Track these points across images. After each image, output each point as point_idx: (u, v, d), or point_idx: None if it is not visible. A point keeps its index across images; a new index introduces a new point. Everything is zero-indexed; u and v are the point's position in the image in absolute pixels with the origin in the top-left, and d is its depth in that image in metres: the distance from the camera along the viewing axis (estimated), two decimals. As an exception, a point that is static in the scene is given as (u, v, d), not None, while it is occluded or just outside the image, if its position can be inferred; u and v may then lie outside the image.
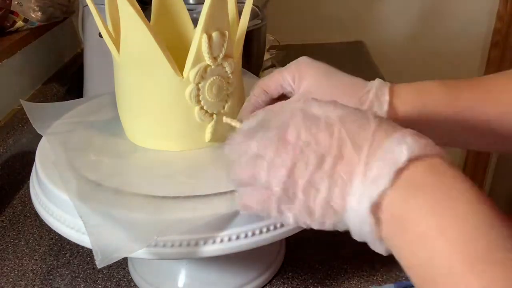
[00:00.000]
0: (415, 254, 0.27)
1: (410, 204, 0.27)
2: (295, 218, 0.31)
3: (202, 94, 0.44)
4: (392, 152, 0.28)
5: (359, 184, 0.28)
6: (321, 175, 0.29)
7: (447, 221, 0.26)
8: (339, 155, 0.29)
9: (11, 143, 0.79)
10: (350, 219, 0.29)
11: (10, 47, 0.86)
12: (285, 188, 0.30)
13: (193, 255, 0.39)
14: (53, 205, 0.42)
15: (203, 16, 0.40)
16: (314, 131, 0.30)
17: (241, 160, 0.33)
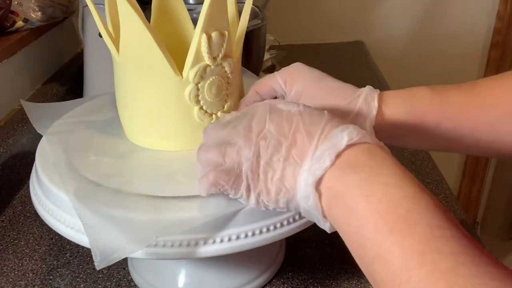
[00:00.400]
0: (347, 223, 0.31)
1: (343, 179, 0.31)
2: (256, 197, 0.35)
3: (201, 94, 0.44)
4: (335, 138, 0.33)
5: (307, 165, 0.33)
6: (278, 157, 0.34)
7: (373, 191, 0.30)
8: (294, 142, 0.34)
9: (11, 143, 0.79)
10: (299, 196, 0.34)
11: (10, 47, 0.86)
12: (252, 169, 0.34)
13: (193, 255, 0.39)
14: (53, 205, 0.42)
15: (203, 16, 0.40)
16: (276, 121, 0.35)
17: (212, 143, 0.37)
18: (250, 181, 0.35)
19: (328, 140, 0.33)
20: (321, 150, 0.32)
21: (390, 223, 0.28)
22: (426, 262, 0.26)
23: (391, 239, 0.28)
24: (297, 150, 0.34)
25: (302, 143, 0.34)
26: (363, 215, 0.30)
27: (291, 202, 0.35)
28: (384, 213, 0.29)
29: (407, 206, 0.29)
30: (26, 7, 0.91)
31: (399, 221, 0.28)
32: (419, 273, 0.26)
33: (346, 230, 0.32)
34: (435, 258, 0.26)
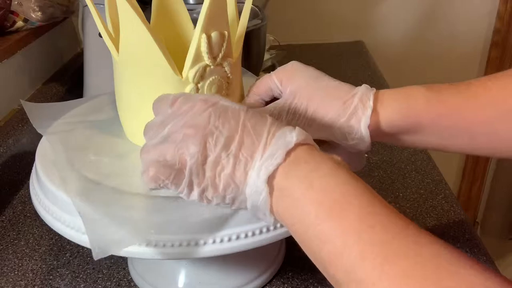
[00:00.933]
0: (292, 214, 0.33)
1: (290, 174, 0.34)
2: (200, 193, 0.36)
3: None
4: (285, 137, 0.35)
5: (258, 162, 0.34)
6: (227, 154, 0.35)
7: (313, 183, 0.33)
8: (242, 140, 0.35)
9: (11, 143, 0.79)
10: (248, 191, 0.35)
11: (10, 47, 0.86)
12: (197, 165, 0.35)
13: (193, 255, 0.39)
14: (53, 205, 0.42)
15: (202, 16, 0.40)
16: (222, 117, 0.36)
17: (152, 141, 0.37)
18: (194, 177, 0.35)
19: (277, 139, 0.35)
20: (273, 148, 0.34)
21: (327, 208, 0.31)
22: (362, 238, 0.29)
23: (330, 223, 0.31)
24: (246, 148, 0.35)
25: (251, 141, 0.35)
26: (304, 204, 0.32)
27: (237, 198, 0.36)
28: (323, 200, 0.32)
29: (341, 191, 0.32)
30: (26, 7, 0.91)
31: (335, 205, 0.31)
32: (357, 248, 0.29)
33: (291, 222, 0.34)
34: (369, 233, 0.29)
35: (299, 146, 0.35)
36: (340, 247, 0.30)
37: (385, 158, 0.77)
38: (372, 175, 0.73)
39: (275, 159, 0.34)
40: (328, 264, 0.31)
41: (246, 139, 0.35)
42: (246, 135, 0.35)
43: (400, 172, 0.74)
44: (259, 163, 0.34)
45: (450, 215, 0.63)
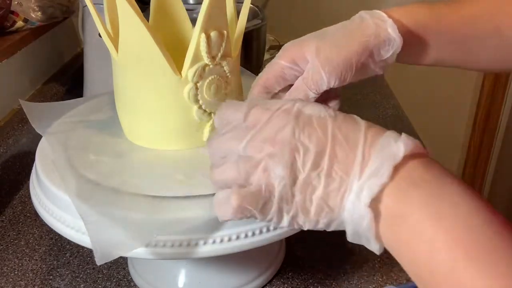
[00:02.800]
0: (411, 248, 0.27)
1: (408, 197, 0.28)
2: (290, 220, 0.31)
3: (200, 93, 0.44)
4: (389, 148, 0.29)
5: (357, 181, 0.28)
6: (318, 173, 0.29)
7: (443, 213, 0.27)
8: (334, 153, 0.29)
9: (11, 143, 0.79)
10: (347, 216, 0.29)
11: (10, 47, 0.86)
12: (285, 188, 0.30)
13: (193, 255, 0.39)
14: (53, 205, 0.42)
15: (202, 15, 0.40)
16: (308, 130, 0.30)
17: (227, 160, 0.32)
18: (283, 203, 0.30)
19: (379, 151, 0.29)
20: (375, 163, 0.28)
21: (471, 252, 0.25)
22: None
23: (472, 270, 0.25)
24: (339, 164, 0.29)
25: (344, 155, 0.29)
26: (433, 240, 0.26)
27: (333, 222, 0.30)
28: (462, 240, 0.26)
29: (487, 233, 0.26)
30: (26, 7, 0.91)
31: (481, 250, 0.25)
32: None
33: (408, 255, 0.28)
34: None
35: (412, 158, 0.29)
36: None
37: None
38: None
39: (379, 177, 0.28)
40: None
41: (338, 153, 0.29)
42: (338, 148, 0.29)
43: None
44: (358, 183, 0.28)
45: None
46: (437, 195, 0.27)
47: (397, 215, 0.28)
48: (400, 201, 0.28)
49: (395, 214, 0.28)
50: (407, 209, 0.27)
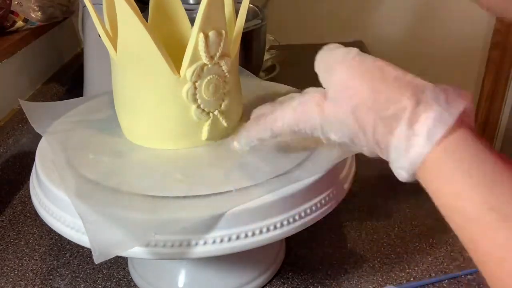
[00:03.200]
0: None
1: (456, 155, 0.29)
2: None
3: (199, 93, 0.44)
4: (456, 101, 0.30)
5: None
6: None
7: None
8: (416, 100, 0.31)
9: (11, 143, 0.79)
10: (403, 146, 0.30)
11: (10, 47, 0.86)
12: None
13: (192, 255, 0.39)
14: (53, 205, 0.42)
15: (200, 15, 0.40)
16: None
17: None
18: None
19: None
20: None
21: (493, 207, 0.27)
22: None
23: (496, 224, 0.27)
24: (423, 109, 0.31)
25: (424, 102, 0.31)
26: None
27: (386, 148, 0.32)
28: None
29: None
30: (26, 7, 0.91)
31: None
32: None
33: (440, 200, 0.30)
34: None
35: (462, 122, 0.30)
36: None
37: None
38: (372, 175, 0.73)
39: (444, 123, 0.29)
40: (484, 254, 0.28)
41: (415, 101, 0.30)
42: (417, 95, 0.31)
43: (400, 172, 0.74)
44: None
45: (450, 215, 0.63)
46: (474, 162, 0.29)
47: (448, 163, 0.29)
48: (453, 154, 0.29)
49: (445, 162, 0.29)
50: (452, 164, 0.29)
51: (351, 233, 0.61)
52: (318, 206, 0.42)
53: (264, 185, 0.40)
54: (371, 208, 0.65)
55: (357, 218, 0.63)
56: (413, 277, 0.53)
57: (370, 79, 0.32)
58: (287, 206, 0.40)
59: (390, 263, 0.55)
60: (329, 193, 0.43)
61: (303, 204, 0.41)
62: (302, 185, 0.41)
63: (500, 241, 0.26)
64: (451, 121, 0.29)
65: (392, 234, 0.60)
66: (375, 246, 0.58)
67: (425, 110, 0.30)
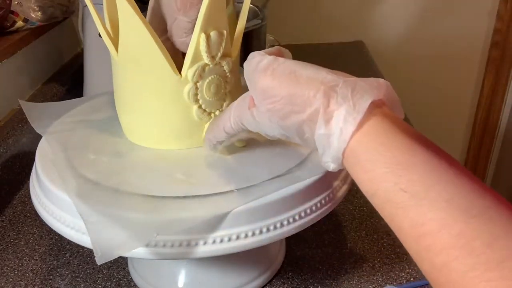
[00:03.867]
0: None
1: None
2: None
3: (200, 93, 0.44)
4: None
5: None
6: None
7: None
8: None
9: (11, 143, 0.79)
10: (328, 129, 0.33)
11: (10, 47, 0.86)
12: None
13: (193, 255, 0.39)
14: (53, 205, 0.42)
15: (201, 15, 0.40)
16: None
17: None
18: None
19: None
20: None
21: (392, 165, 0.30)
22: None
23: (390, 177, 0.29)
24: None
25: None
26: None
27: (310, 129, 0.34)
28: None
29: (416, 157, 0.29)
30: (26, 7, 0.91)
31: (400, 164, 0.29)
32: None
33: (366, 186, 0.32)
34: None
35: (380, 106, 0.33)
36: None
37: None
38: (372, 175, 0.73)
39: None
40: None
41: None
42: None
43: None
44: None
45: (450, 215, 0.63)
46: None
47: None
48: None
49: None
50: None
51: (351, 233, 0.61)
52: (318, 206, 0.42)
53: (265, 185, 0.40)
54: (371, 208, 0.65)
55: (357, 218, 0.63)
56: (413, 277, 0.53)
57: (286, 84, 0.34)
58: (287, 206, 0.40)
59: (390, 263, 0.55)
60: (329, 193, 0.43)
61: (303, 204, 0.41)
62: (302, 185, 0.41)
63: (414, 219, 0.28)
64: (359, 116, 0.31)
65: (392, 234, 0.60)
66: (375, 246, 0.58)
67: (336, 109, 0.32)
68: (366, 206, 0.66)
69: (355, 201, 0.67)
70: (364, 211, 0.65)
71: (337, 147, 0.32)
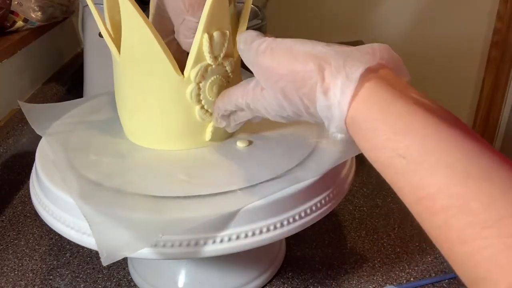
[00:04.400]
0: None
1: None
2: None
3: (203, 94, 0.44)
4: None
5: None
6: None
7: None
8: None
9: (11, 143, 0.79)
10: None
11: (10, 47, 0.86)
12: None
13: (193, 255, 0.39)
14: (53, 205, 0.42)
15: (204, 16, 0.40)
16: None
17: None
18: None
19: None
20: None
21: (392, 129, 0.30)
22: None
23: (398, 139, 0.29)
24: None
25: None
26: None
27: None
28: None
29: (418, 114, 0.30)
30: (26, 7, 0.91)
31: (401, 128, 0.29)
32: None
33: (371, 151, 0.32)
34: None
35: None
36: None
37: (385, 158, 0.77)
38: (372, 175, 0.73)
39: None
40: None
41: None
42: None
43: (400, 172, 0.74)
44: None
45: (450, 215, 0.63)
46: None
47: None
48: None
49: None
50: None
51: (351, 233, 0.61)
52: (318, 206, 0.42)
53: (267, 186, 0.40)
54: (371, 208, 0.65)
55: (357, 218, 0.63)
56: (413, 277, 0.53)
57: (285, 62, 0.36)
58: (287, 206, 0.40)
59: (390, 263, 0.55)
60: (329, 193, 0.43)
61: (303, 204, 0.41)
62: (302, 185, 0.41)
63: (413, 184, 0.28)
64: (352, 85, 0.32)
65: (392, 234, 0.60)
66: (375, 246, 0.58)
67: (332, 80, 0.33)
68: (366, 206, 0.66)
69: (355, 201, 0.67)
70: (364, 211, 0.65)
71: (339, 117, 0.33)
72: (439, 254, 0.57)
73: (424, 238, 0.59)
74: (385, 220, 0.63)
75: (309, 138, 0.47)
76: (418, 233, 0.60)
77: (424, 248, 0.58)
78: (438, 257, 0.56)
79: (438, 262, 0.55)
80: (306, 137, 0.47)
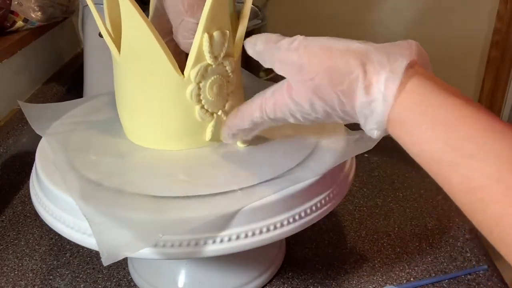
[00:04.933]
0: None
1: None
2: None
3: (203, 93, 0.44)
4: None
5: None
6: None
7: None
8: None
9: (11, 143, 0.79)
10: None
11: (10, 47, 0.86)
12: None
13: (193, 255, 0.39)
14: (53, 205, 0.42)
15: (204, 15, 0.40)
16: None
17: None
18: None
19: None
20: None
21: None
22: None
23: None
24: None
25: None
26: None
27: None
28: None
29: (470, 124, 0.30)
30: (26, 7, 0.91)
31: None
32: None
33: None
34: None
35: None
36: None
37: (385, 158, 0.77)
38: (372, 175, 0.73)
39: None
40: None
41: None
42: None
43: (400, 172, 0.74)
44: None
45: (450, 215, 0.63)
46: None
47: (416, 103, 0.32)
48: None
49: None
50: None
51: (351, 233, 0.61)
52: (318, 206, 0.42)
53: (268, 186, 0.40)
54: (371, 208, 0.65)
55: (357, 218, 0.63)
56: (413, 277, 0.53)
57: (321, 59, 0.35)
58: (287, 206, 0.40)
59: (390, 263, 0.55)
60: (329, 193, 0.43)
61: (303, 204, 0.41)
62: (302, 185, 0.41)
63: (464, 175, 0.29)
64: (398, 79, 0.32)
65: (392, 234, 0.60)
66: (375, 246, 0.58)
67: (375, 75, 0.33)
68: (366, 206, 0.66)
69: (355, 201, 0.67)
70: (364, 211, 0.65)
71: (381, 112, 0.33)
72: (439, 254, 0.57)
73: (424, 238, 0.59)
74: (385, 220, 0.63)
75: (309, 138, 0.47)
76: (418, 233, 0.60)
77: (424, 248, 0.58)
78: (438, 257, 0.56)
79: (438, 262, 0.55)
80: (306, 137, 0.47)
